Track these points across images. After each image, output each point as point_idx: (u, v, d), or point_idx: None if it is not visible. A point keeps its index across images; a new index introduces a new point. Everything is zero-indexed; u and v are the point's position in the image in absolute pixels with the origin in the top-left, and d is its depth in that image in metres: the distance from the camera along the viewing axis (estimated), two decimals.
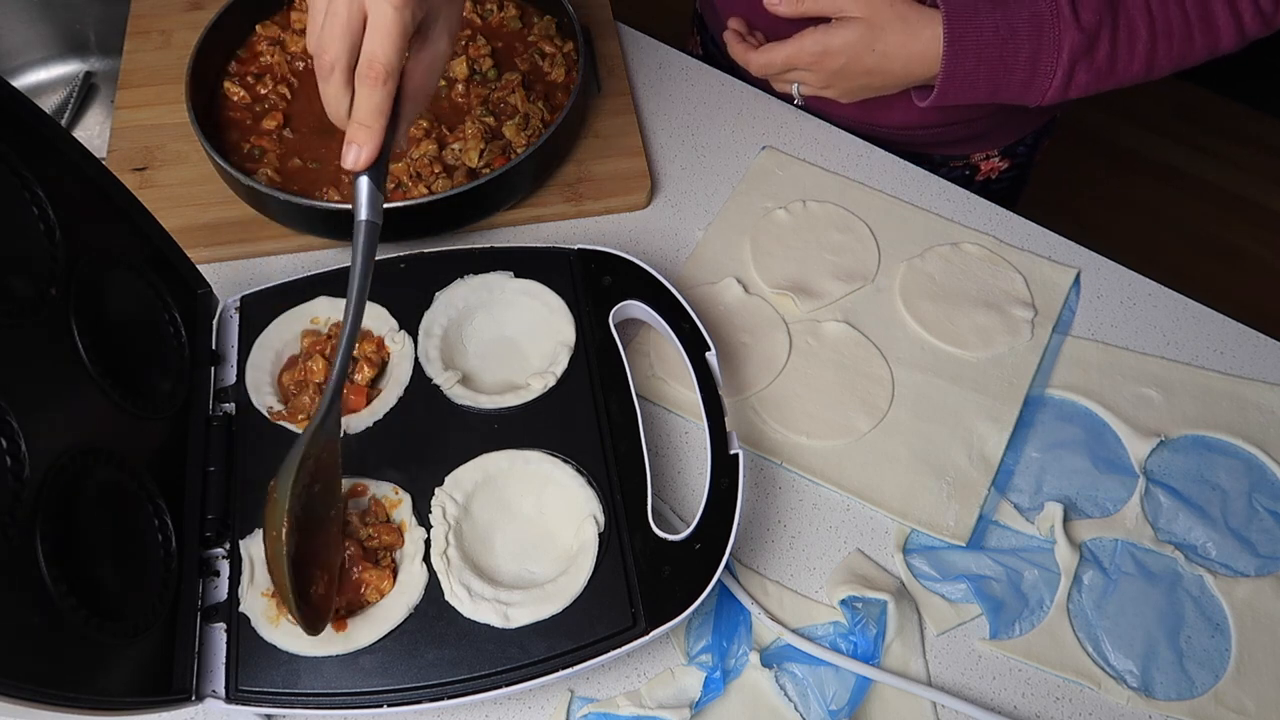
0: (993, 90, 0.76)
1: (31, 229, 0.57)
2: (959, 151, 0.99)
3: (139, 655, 0.55)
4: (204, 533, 0.63)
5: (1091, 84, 0.76)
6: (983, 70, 0.75)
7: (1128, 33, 0.74)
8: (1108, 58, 0.75)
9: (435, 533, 0.63)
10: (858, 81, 0.79)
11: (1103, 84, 0.76)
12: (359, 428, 0.68)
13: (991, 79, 0.76)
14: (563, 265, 0.74)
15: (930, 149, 0.97)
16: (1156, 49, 0.75)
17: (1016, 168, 1.03)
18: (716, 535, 0.61)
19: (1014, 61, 0.74)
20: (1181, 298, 0.82)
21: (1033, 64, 0.75)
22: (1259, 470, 0.73)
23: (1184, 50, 0.75)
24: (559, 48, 0.90)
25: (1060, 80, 0.75)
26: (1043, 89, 0.76)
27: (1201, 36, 0.75)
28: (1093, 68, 0.75)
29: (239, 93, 0.86)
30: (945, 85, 0.76)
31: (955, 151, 0.98)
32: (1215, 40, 0.75)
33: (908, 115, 0.87)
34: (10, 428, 0.49)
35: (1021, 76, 0.75)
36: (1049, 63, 0.74)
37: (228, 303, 0.74)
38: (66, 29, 1.14)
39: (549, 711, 0.64)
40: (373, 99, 0.55)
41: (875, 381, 0.76)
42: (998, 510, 0.71)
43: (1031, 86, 0.76)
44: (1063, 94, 0.76)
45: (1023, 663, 0.66)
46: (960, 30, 0.74)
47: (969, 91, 0.77)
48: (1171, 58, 0.76)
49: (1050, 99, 0.76)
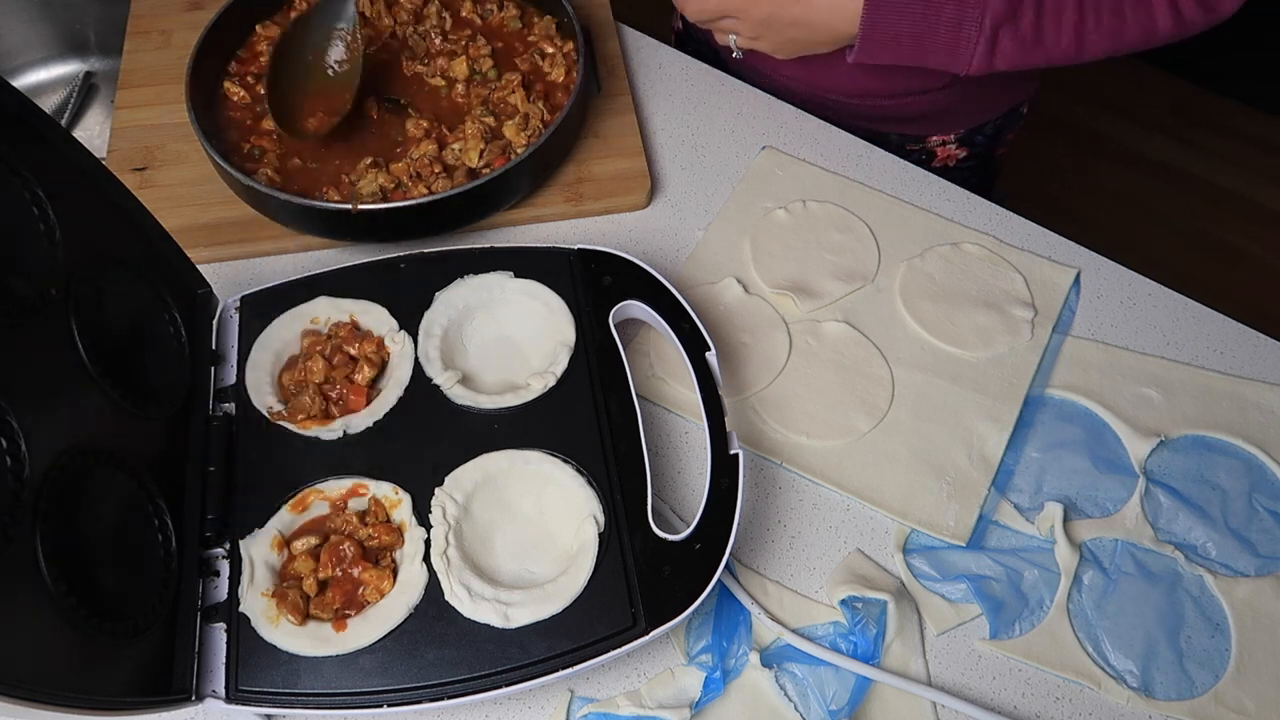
0: (916, 51, 0.76)
1: (31, 229, 0.57)
2: (913, 131, 0.99)
3: (139, 655, 0.55)
4: (204, 533, 0.63)
5: (1018, 55, 0.75)
6: (904, 27, 0.75)
7: (1054, 4, 0.73)
8: (1033, 26, 0.74)
9: (435, 533, 0.63)
10: (786, 33, 0.80)
11: (1030, 56, 0.75)
12: (359, 428, 0.68)
13: (914, 38, 0.75)
14: (563, 265, 0.74)
15: (884, 125, 0.97)
16: (1085, 24, 0.74)
17: (976, 158, 1.03)
18: (716, 535, 0.61)
19: (936, 20, 0.74)
20: (1181, 298, 0.82)
21: (956, 25, 0.74)
22: (1259, 470, 0.73)
23: (1115, 29, 0.74)
24: (559, 48, 0.90)
25: (984, 47, 0.74)
26: (967, 55, 0.75)
27: (1134, 16, 0.74)
28: (1018, 35, 0.74)
29: (239, 93, 0.86)
30: (866, 40, 0.76)
31: (910, 130, 0.99)
32: (1150, 22, 0.74)
33: (853, 80, 0.88)
34: (10, 428, 0.49)
35: (945, 38, 0.75)
36: (972, 27, 0.74)
37: (228, 303, 0.74)
38: (66, 29, 1.14)
39: (549, 711, 0.64)
40: None
41: (875, 381, 0.76)
42: (998, 510, 0.71)
43: (956, 50, 0.75)
44: (988, 62, 0.75)
45: (1023, 663, 0.66)
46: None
47: (892, 49, 0.76)
48: (1102, 34, 0.75)
49: (977, 67, 0.76)
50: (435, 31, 0.90)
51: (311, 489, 0.65)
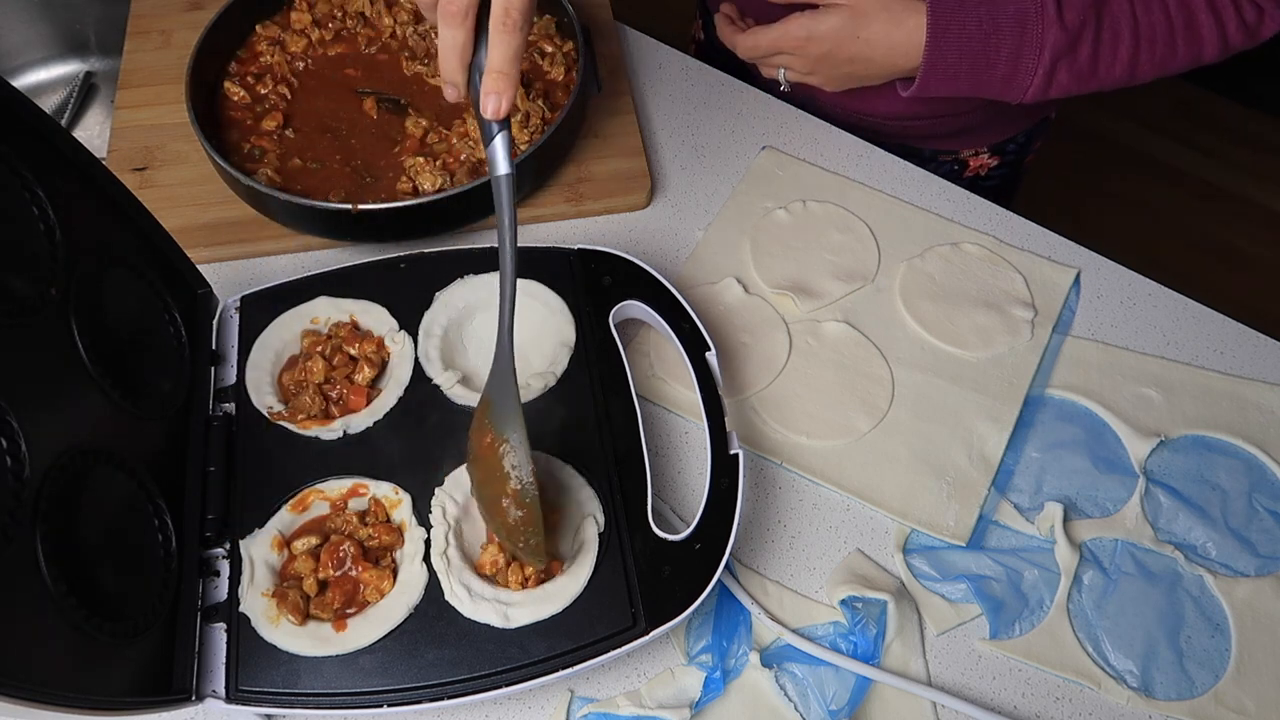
0: (974, 84, 0.77)
1: (31, 229, 0.57)
2: (948, 146, 0.99)
3: (139, 655, 0.55)
4: (204, 533, 0.63)
5: (1073, 84, 0.76)
6: (964, 63, 0.75)
7: (1111, 35, 0.75)
8: (1090, 59, 0.75)
9: (435, 533, 0.63)
10: (842, 69, 0.80)
11: (1084, 85, 0.77)
12: (359, 428, 0.68)
13: (973, 73, 0.76)
14: (563, 265, 0.74)
15: (918, 142, 0.97)
16: (1139, 54, 0.75)
17: (1007, 166, 1.03)
18: (716, 535, 0.61)
19: (996, 56, 0.75)
20: (1181, 298, 0.82)
21: (1015, 60, 0.75)
22: (1259, 470, 0.73)
23: (1166, 56, 0.76)
24: (558, 47, 0.90)
25: (1041, 78, 0.75)
26: (1024, 86, 0.76)
27: (1185, 45, 0.75)
28: (1074, 68, 0.75)
29: (239, 93, 0.86)
30: (927, 76, 0.76)
31: (944, 146, 0.99)
32: (1199, 48, 0.76)
33: (894, 105, 0.87)
34: (10, 428, 0.49)
35: (1003, 72, 0.76)
36: (1031, 60, 0.75)
37: (228, 303, 0.74)
38: (66, 29, 1.14)
39: (549, 711, 0.64)
40: (512, 45, 0.55)
41: (875, 381, 0.76)
42: (998, 510, 0.71)
43: (1013, 83, 0.76)
44: (1044, 92, 0.76)
45: (1023, 663, 0.66)
46: (944, 22, 0.74)
47: (950, 84, 0.77)
48: (1154, 63, 0.76)
49: (1031, 97, 0.77)
50: (435, 31, 0.90)
51: (311, 489, 0.65)
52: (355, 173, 0.82)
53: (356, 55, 0.90)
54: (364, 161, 0.83)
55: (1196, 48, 0.76)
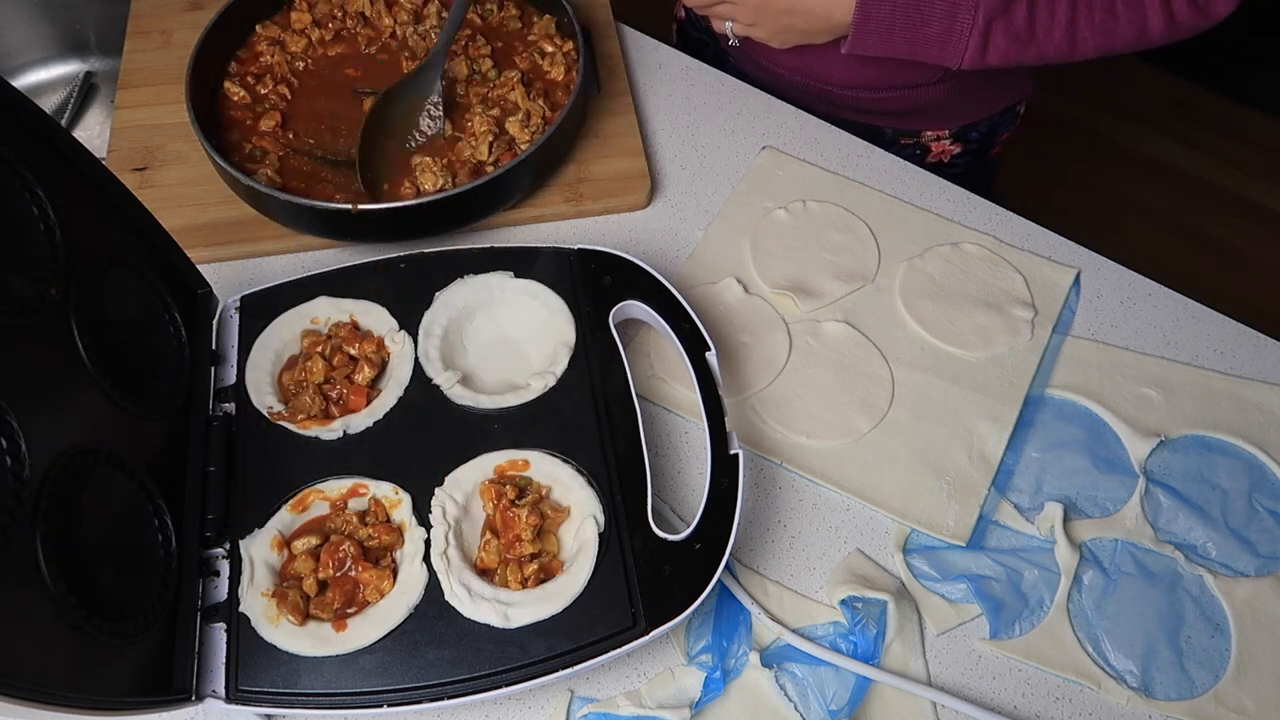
0: (909, 41, 0.78)
1: (31, 229, 0.57)
2: (908, 125, 0.99)
3: (139, 655, 0.55)
4: (204, 533, 0.63)
5: (1011, 49, 0.77)
6: (898, 18, 0.76)
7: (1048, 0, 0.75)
8: (1026, 22, 0.75)
9: (435, 533, 0.63)
10: (782, 20, 0.81)
11: (1024, 51, 0.77)
12: (359, 428, 0.68)
13: (907, 29, 0.77)
14: (563, 265, 0.74)
15: (878, 119, 0.98)
16: (1078, 18, 0.76)
17: (970, 154, 1.03)
18: (716, 535, 0.61)
19: (930, 12, 0.75)
20: (1181, 298, 0.82)
21: (949, 17, 0.75)
22: (1259, 470, 0.73)
23: (1107, 27, 0.76)
24: (559, 47, 0.90)
25: (977, 39, 0.76)
26: (960, 47, 0.77)
27: (1127, 15, 0.75)
28: (1010, 30, 0.76)
29: (239, 93, 0.86)
30: (860, 29, 0.77)
31: (904, 125, 0.99)
32: (1143, 22, 0.76)
33: (846, 71, 0.89)
34: (10, 428, 0.49)
35: (938, 30, 0.76)
36: (966, 19, 0.75)
37: (228, 303, 0.74)
38: (66, 29, 1.14)
39: (549, 711, 0.64)
40: None
41: (875, 381, 0.76)
42: (998, 510, 0.71)
43: (949, 42, 0.77)
44: (981, 55, 0.77)
45: (1023, 663, 0.66)
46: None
47: (886, 39, 0.78)
48: (1095, 31, 0.76)
49: (970, 60, 0.77)
50: (435, 31, 0.90)
51: (311, 489, 0.65)
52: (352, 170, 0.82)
53: (356, 55, 0.90)
54: None
55: (1140, 21, 0.76)
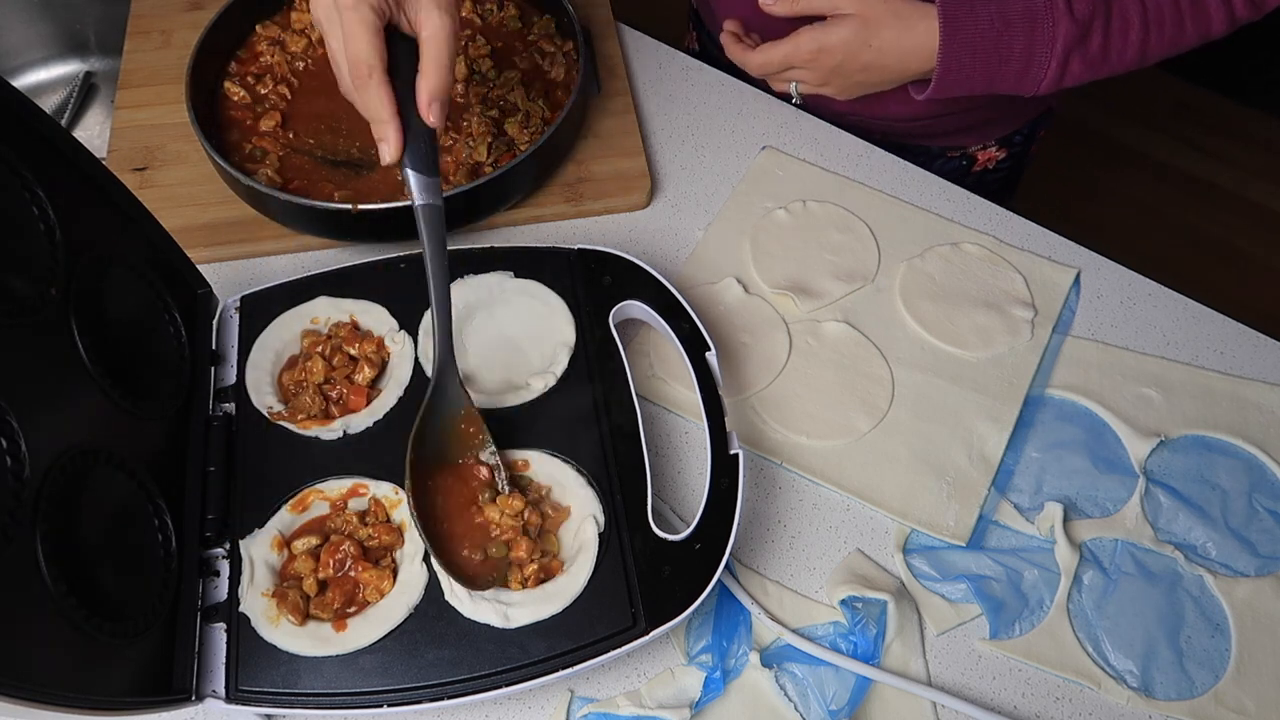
0: (989, 82, 0.77)
1: (31, 229, 0.57)
2: (956, 143, 0.99)
3: (139, 655, 0.55)
4: (204, 533, 0.63)
5: (1086, 73, 0.77)
6: (978, 62, 0.76)
7: (1121, 22, 0.75)
8: (1101, 47, 0.76)
9: None
10: (854, 78, 0.80)
11: (1097, 73, 0.77)
12: (359, 428, 0.68)
13: (987, 71, 0.76)
14: (563, 265, 0.74)
15: (927, 140, 0.97)
16: (1149, 37, 0.76)
17: (1013, 158, 1.03)
18: (716, 535, 0.61)
19: (1009, 53, 0.75)
20: (1181, 298, 0.82)
21: (1027, 55, 0.75)
22: (1259, 470, 0.73)
23: (1175, 37, 0.77)
24: (559, 47, 0.90)
25: (1055, 70, 0.76)
26: (1038, 79, 0.77)
27: (1193, 24, 0.76)
28: (1087, 57, 0.76)
29: (239, 93, 0.86)
30: (941, 79, 0.77)
31: (953, 143, 0.99)
32: (1207, 26, 0.76)
33: (904, 108, 0.87)
34: (10, 428, 0.49)
35: (1017, 68, 0.76)
36: (1043, 54, 0.75)
37: (228, 303, 0.74)
38: (66, 29, 1.14)
39: (549, 711, 0.64)
40: (368, 95, 0.60)
41: (875, 381, 0.76)
42: (998, 510, 0.71)
43: (1026, 77, 0.77)
44: (1057, 84, 0.77)
45: (1023, 663, 0.66)
46: (955, 24, 0.74)
47: (965, 84, 0.77)
48: (1163, 45, 0.77)
49: (1046, 89, 0.77)
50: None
51: (311, 489, 0.65)
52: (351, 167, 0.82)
53: None
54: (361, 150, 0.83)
55: (1204, 25, 0.76)
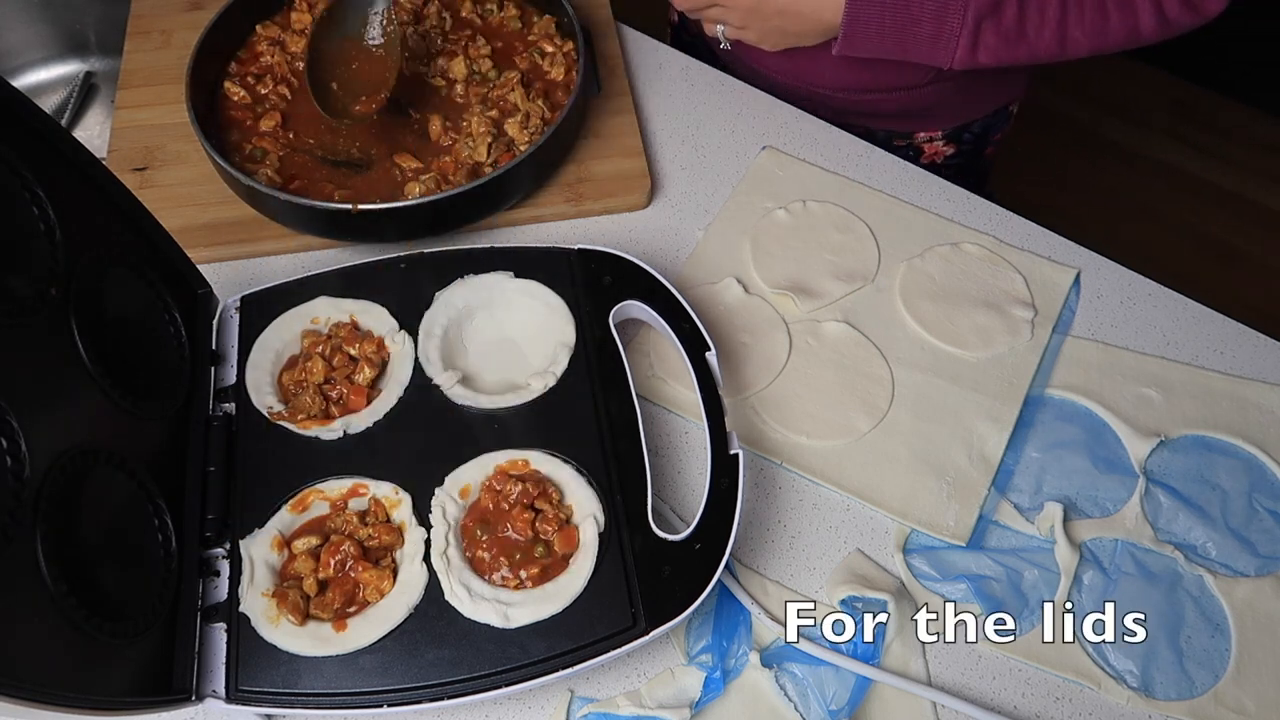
0: (900, 41, 0.78)
1: (31, 229, 0.57)
2: (901, 127, 1.00)
3: (139, 655, 0.55)
4: (204, 533, 0.63)
5: (1001, 49, 0.76)
6: (887, 19, 0.76)
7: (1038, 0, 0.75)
8: (1015, 22, 0.75)
9: (435, 533, 0.63)
10: (772, 22, 0.81)
11: (1014, 51, 0.77)
12: (359, 428, 0.68)
13: (897, 29, 0.77)
14: (563, 265, 0.74)
15: (870, 121, 0.98)
16: (1067, 20, 0.75)
17: (963, 155, 1.03)
18: (716, 535, 0.61)
19: (920, 12, 0.75)
20: (1181, 298, 0.82)
21: (939, 18, 0.75)
22: (1259, 470, 0.73)
23: (1098, 26, 0.76)
24: (559, 47, 0.90)
25: (967, 39, 0.76)
26: (950, 47, 0.77)
27: (1117, 15, 0.75)
28: (1000, 29, 0.75)
29: (239, 93, 0.86)
30: (850, 30, 0.77)
31: (897, 127, 0.99)
32: (1134, 21, 0.75)
33: (837, 74, 0.89)
34: (10, 428, 0.49)
35: (928, 30, 0.76)
36: (955, 18, 0.75)
37: (228, 303, 0.74)
38: (66, 29, 1.14)
39: (549, 711, 0.64)
40: None
41: (875, 381, 0.76)
42: (998, 510, 0.71)
43: (939, 42, 0.77)
44: (971, 54, 0.77)
45: (1023, 663, 0.66)
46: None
47: (876, 40, 0.78)
48: (1085, 33, 0.76)
49: (960, 60, 0.77)
50: (435, 32, 0.90)
51: (311, 489, 0.65)
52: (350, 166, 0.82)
53: None
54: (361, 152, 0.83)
55: (1130, 20, 0.75)
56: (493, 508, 0.64)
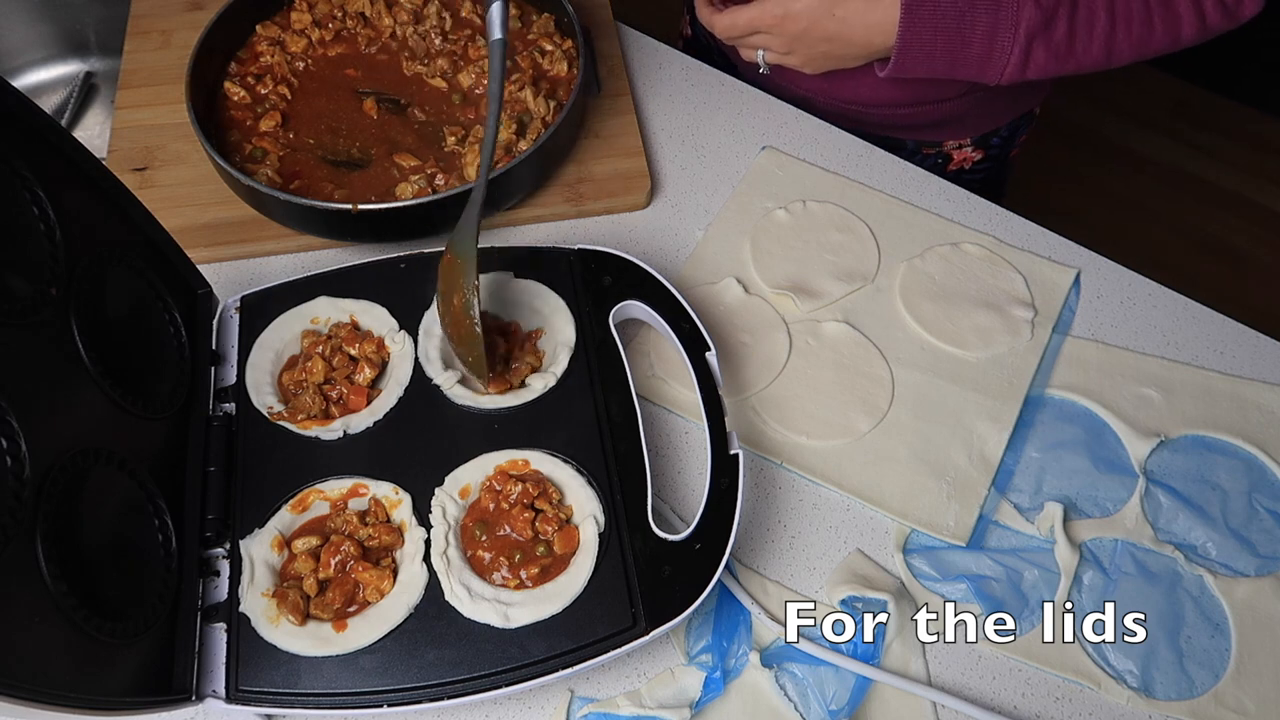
0: (950, 63, 0.76)
1: (31, 229, 0.57)
2: (931, 137, 0.99)
3: (139, 655, 0.55)
4: (204, 533, 0.63)
5: (1050, 64, 0.75)
6: (940, 41, 0.75)
7: (1087, 13, 0.74)
8: (1066, 37, 0.74)
9: (435, 533, 0.63)
10: (818, 48, 0.79)
11: (1063, 65, 0.76)
12: (359, 428, 0.68)
13: (949, 51, 0.76)
14: (563, 265, 0.74)
15: (901, 133, 0.97)
16: (1115, 33, 0.75)
17: (991, 160, 1.03)
18: (716, 535, 0.61)
19: (971, 34, 0.74)
20: (1181, 298, 0.82)
21: (990, 38, 0.74)
22: (1259, 470, 0.73)
23: (1143, 36, 0.75)
24: (558, 45, 0.90)
25: (1018, 57, 0.75)
26: (1000, 65, 0.75)
27: (1162, 24, 0.75)
28: (1050, 46, 0.74)
29: (239, 93, 0.86)
30: (902, 54, 0.76)
31: (927, 137, 0.99)
32: (1176, 29, 0.75)
33: (875, 91, 0.88)
34: (10, 428, 0.49)
35: (979, 50, 0.75)
36: (1006, 37, 0.74)
37: (228, 303, 0.74)
38: (66, 29, 1.14)
39: (549, 711, 0.64)
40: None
41: (875, 381, 0.76)
42: (998, 510, 0.71)
43: (989, 61, 0.76)
44: (1021, 72, 0.76)
45: (1023, 663, 0.66)
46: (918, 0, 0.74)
47: (927, 63, 0.76)
48: (1131, 44, 0.75)
49: (1009, 76, 0.76)
50: (435, 31, 0.90)
51: (311, 489, 0.65)
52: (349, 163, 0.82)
53: (356, 55, 0.90)
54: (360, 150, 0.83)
55: (1174, 28, 0.75)
56: (493, 508, 0.64)
